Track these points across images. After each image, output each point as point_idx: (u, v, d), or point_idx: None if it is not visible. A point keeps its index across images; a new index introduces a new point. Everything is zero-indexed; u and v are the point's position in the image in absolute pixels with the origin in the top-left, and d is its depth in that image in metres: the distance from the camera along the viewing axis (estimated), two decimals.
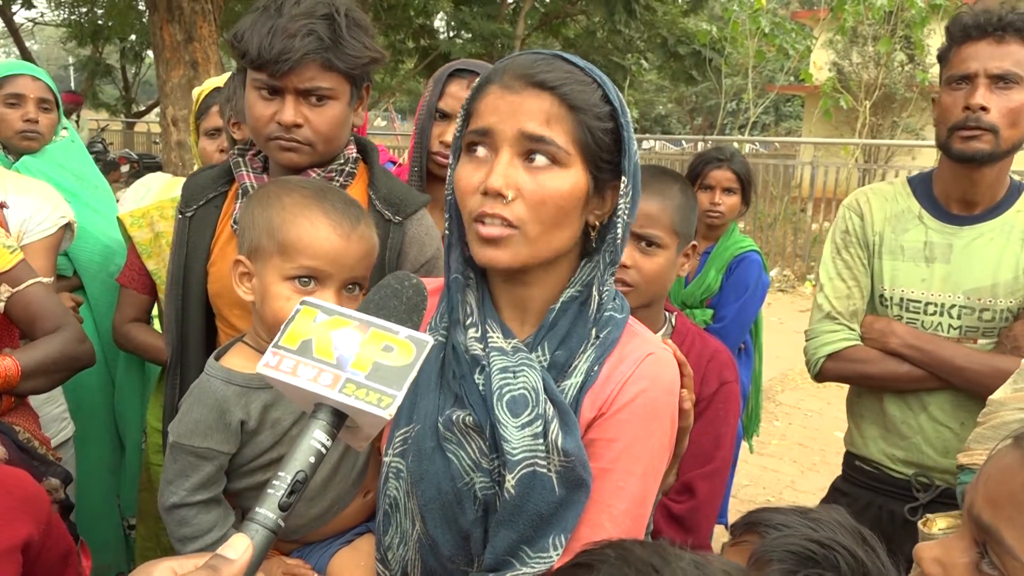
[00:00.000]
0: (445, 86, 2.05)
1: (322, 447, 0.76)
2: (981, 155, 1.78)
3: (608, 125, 1.05)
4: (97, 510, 2.49)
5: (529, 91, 1.02)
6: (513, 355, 1.08)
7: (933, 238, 1.91)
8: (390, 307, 0.87)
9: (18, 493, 1.26)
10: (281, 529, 0.72)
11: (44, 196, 2.23)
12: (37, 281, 1.79)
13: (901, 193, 1.99)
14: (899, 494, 1.94)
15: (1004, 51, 1.74)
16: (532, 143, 1.02)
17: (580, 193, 1.05)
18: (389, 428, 1.18)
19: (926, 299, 1.90)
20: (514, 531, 1.03)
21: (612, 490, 1.06)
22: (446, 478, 1.08)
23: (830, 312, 1.99)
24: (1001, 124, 1.76)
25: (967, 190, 1.88)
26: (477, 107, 1.07)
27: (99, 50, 19.18)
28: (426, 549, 1.12)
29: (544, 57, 1.05)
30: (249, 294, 1.31)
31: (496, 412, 1.03)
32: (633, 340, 1.12)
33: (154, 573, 0.65)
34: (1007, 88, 1.75)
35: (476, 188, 1.04)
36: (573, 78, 1.03)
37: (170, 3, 7.60)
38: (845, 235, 2.02)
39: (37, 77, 2.54)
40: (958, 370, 1.82)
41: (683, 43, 15.37)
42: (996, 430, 1.50)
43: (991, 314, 1.85)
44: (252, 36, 1.44)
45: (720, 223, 3.14)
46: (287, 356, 0.79)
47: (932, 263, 1.90)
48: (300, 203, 1.27)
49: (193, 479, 1.26)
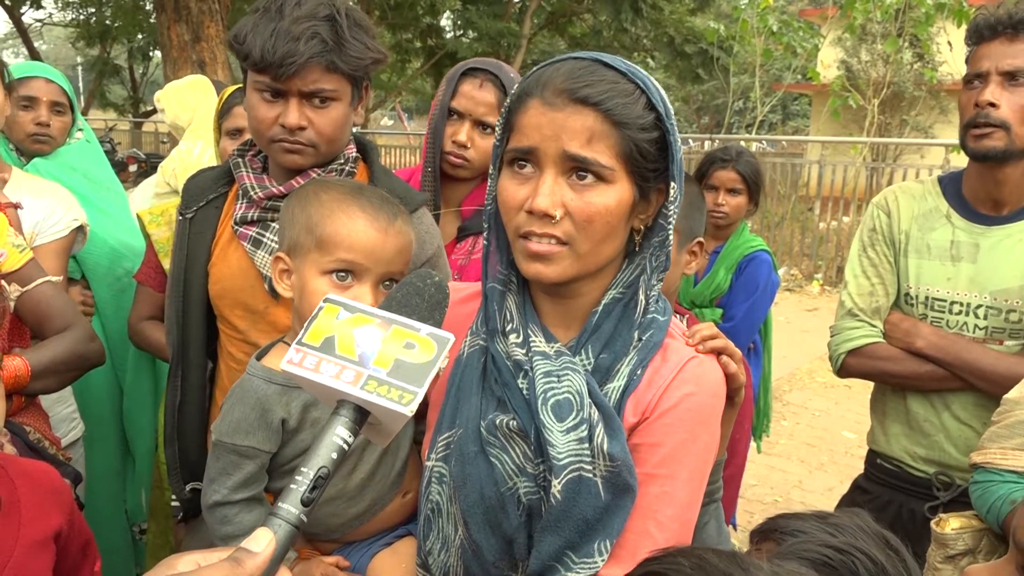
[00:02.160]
0: (458, 85, 2.04)
1: (344, 443, 0.76)
2: (994, 152, 1.77)
3: (653, 135, 1.04)
4: (104, 513, 2.48)
5: (571, 108, 1.00)
6: (556, 359, 1.07)
7: (960, 237, 1.90)
8: (412, 305, 0.87)
9: (47, 485, 1.29)
10: (304, 524, 0.72)
11: (58, 198, 2.23)
12: (46, 280, 1.80)
13: (931, 192, 1.98)
14: (920, 493, 1.94)
15: (1016, 48, 1.75)
16: (576, 162, 1.01)
17: (626, 206, 1.04)
18: (432, 433, 1.18)
19: (951, 298, 1.89)
20: (560, 536, 1.02)
21: (657, 495, 1.05)
22: (489, 482, 1.07)
23: (852, 309, 2.00)
24: (1013, 120, 1.75)
25: (992, 190, 1.86)
26: (518, 121, 1.05)
27: (107, 50, 19.27)
28: (469, 554, 1.11)
29: (585, 66, 1.03)
30: (288, 291, 1.32)
31: (541, 416, 1.03)
32: (674, 343, 1.11)
33: (179, 564, 0.66)
34: (1018, 85, 1.76)
35: (521, 205, 1.04)
36: (616, 90, 1.01)
37: (177, 3, 7.62)
38: (872, 233, 2.02)
39: (51, 80, 2.53)
40: (984, 374, 1.81)
41: (690, 42, 15.36)
42: (1011, 428, 1.51)
43: (1018, 315, 1.83)
44: (254, 39, 1.42)
45: (725, 223, 3.13)
46: (310, 353, 0.79)
47: (959, 262, 1.89)
48: (338, 199, 1.29)
49: (235, 477, 1.27)
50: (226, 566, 0.66)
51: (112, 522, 2.52)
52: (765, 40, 10.18)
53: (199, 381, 1.66)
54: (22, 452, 1.68)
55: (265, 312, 1.57)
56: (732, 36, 11.29)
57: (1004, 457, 1.50)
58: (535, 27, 16.42)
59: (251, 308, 1.57)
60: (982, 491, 1.54)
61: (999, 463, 1.51)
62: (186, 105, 3.08)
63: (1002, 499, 1.48)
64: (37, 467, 1.34)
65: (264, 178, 1.59)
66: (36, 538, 1.22)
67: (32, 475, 1.28)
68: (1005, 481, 1.49)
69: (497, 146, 1.10)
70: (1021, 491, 1.47)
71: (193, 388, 1.65)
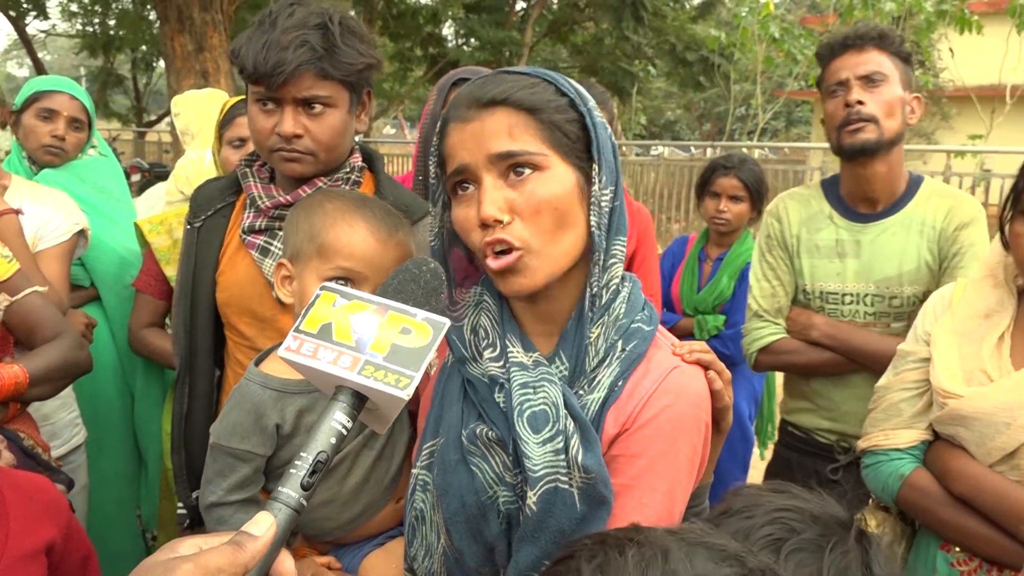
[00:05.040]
0: (449, 94, 2.07)
1: (343, 428, 0.77)
2: (869, 144, 1.99)
3: (572, 115, 1.04)
4: (113, 519, 2.50)
5: (484, 113, 1.03)
6: (534, 369, 1.07)
7: (843, 236, 2.13)
8: (408, 291, 0.88)
9: (40, 498, 1.30)
10: (304, 508, 0.73)
11: (58, 204, 2.25)
12: (34, 290, 1.82)
13: (815, 196, 2.22)
14: (824, 455, 2.19)
15: (866, 57, 2.02)
16: (507, 160, 1.02)
17: (571, 188, 1.04)
18: (419, 441, 1.19)
19: (842, 291, 2.13)
20: (537, 547, 1.02)
21: (634, 507, 1.04)
22: (470, 491, 1.07)
23: (757, 311, 2.23)
24: (879, 114, 1.99)
25: (865, 188, 2.09)
26: (446, 149, 1.07)
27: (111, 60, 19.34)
28: (451, 561, 1.12)
29: (486, 76, 1.06)
30: (289, 297, 1.35)
31: (517, 428, 1.02)
32: (658, 353, 1.10)
33: (180, 548, 0.67)
34: (876, 86, 2.00)
35: (474, 224, 1.04)
36: (520, 84, 1.04)
37: (181, 14, 7.66)
38: (768, 239, 2.24)
39: (75, 96, 2.58)
40: (869, 355, 2.04)
41: (691, 49, 15.39)
42: (886, 412, 1.67)
43: (899, 300, 2.07)
44: (248, 51, 1.46)
45: (727, 230, 3.14)
46: (308, 340, 0.80)
47: (844, 258, 2.12)
48: (341, 208, 1.32)
49: (231, 479, 1.30)
50: (227, 549, 0.66)
51: (122, 528, 2.53)
52: (766, 47, 10.21)
53: (206, 388, 1.67)
54: (19, 458, 1.70)
55: (272, 319, 1.58)
56: (733, 43, 11.33)
57: (886, 438, 1.64)
58: (537, 36, 16.47)
59: (259, 316, 1.59)
60: (874, 472, 1.66)
61: (883, 444, 1.65)
62: (201, 113, 3.12)
63: (892, 476, 1.62)
64: (30, 479, 1.34)
65: (271, 188, 1.61)
66: (25, 550, 1.22)
67: (24, 487, 1.29)
68: (891, 459, 1.63)
69: (437, 184, 1.12)
70: (907, 465, 1.60)
71: (200, 396, 1.67)
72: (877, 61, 2.02)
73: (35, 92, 2.54)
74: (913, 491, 1.58)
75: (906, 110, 2.05)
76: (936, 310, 1.67)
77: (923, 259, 2.04)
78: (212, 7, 7.76)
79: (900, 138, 2.05)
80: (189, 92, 3.19)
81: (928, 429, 1.61)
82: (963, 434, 1.51)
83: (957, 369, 1.55)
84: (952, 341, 1.58)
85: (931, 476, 1.57)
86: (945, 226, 2.03)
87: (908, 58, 2.07)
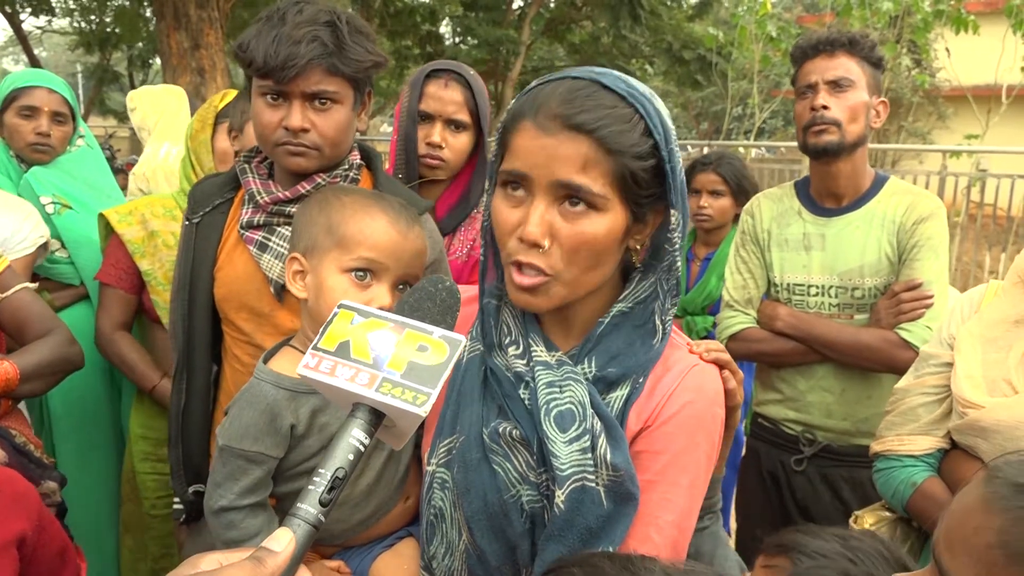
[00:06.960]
0: (423, 88, 2.08)
1: (360, 445, 0.77)
2: (831, 146, 2.10)
3: (649, 163, 1.01)
4: (98, 517, 2.48)
5: (564, 134, 0.98)
6: (558, 369, 1.07)
7: (810, 230, 2.22)
8: (424, 309, 0.89)
9: (8, 491, 1.29)
10: (322, 524, 0.74)
11: (24, 215, 2.23)
12: (24, 287, 1.81)
13: (787, 194, 2.32)
14: (790, 447, 2.26)
15: (836, 62, 2.11)
16: (568, 190, 1.00)
17: (618, 232, 1.03)
18: (431, 437, 1.18)
19: (808, 283, 2.21)
20: (563, 545, 1.02)
21: (658, 502, 1.05)
22: (492, 490, 1.08)
23: (728, 301, 2.32)
24: (843, 119, 2.09)
25: (830, 185, 2.19)
26: (511, 141, 1.03)
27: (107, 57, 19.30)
28: (473, 559, 1.12)
29: (582, 87, 1.00)
30: (303, 291, 1.33)
31: (544, 427, 1.03)
32: (676, 351, 1.12)
33: (201, 564, 0.67)
34: (842, 91, 2.10)
35: (513, 230, 1.03)
36: (612, 116, 0.98)
37: (177, 11, 7.65)
38: (742, 235, 2.35)
39: (54, 89, 2.53)
40: (830, 344, 2.12)
41: (688, 48, 15.38)
42: (904, 416, 1.64)
43: (861, 292, 2.15)
44: (258, 45, 1.47)
45: (710, 226, 3.13)
46: (326, 358, 0.81)
47: (810, 251, 2.21)
48: (360, 201, 1.33)
49: (242, 483, 1.28)
50: (248, 565, 0.67)
51: (106, 526, 2.51)
52: (763, 46, 10.21)
53: (204, 384, 1.67)
54: (10, 455, 1.69)
55: (270, 315, 1.59)
56: (730, 42, 11.33)
57: (901, 443, 1.62)
58: (534, 34, 16.46)
59: (256, 311, 1.59)
60: (885, 478, 1.63)
61: (897, 449, 1.62)
62: (157, 108, 3.11)
63: (904, 483, 1.59)
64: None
65: (270, 183, 1.62)
66: None
67: None
68: (905, 466, 1.61)
69: (493, 163, 1.10)
70: (920, 473, 1.57)
71: (198, 391, 1.67)
72: (846, 67, 2.10)
73: (13, 90, 2.50)
74: (925, 500, 1.55)
75: (871, 114, 2.14)
76: (964, 312, 1.62)
77: (883, 251, 2.12)
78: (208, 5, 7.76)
79: (863, 140, 2.14)
80: (144, 87, 3.18)
81: (945, 437, 1.57)
82: (982, 446, 1.46)
83: (979, 378, 1.50)
84: (977, 346, 1.53)
85: (944, 486, 1.53)
86: (904, 220, 2.11)
87: (879, 63, 2.16)
